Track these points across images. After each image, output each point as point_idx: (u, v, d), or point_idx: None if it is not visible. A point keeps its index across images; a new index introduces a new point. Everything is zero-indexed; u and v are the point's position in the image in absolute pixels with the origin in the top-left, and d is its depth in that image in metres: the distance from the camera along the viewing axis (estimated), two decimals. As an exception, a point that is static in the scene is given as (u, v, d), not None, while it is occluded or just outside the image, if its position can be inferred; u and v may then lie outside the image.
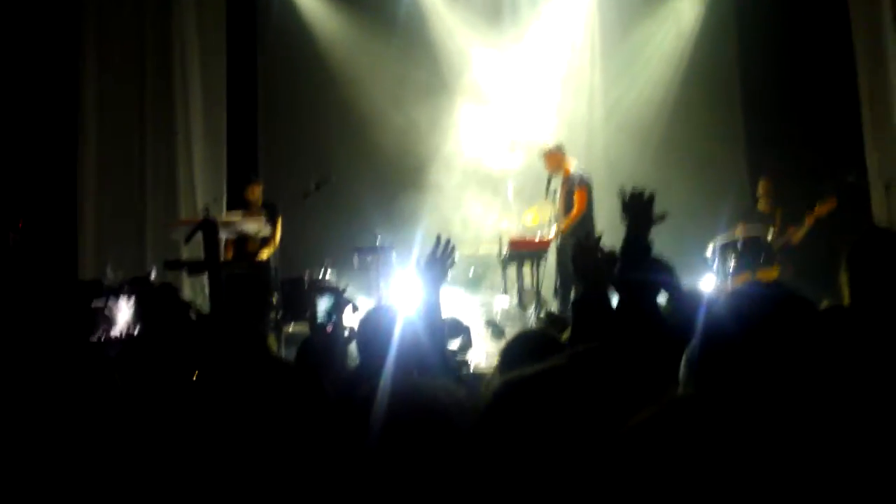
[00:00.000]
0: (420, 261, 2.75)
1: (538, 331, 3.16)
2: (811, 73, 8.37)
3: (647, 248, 2.53)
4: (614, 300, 2.59)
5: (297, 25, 9.39)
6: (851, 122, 7.93)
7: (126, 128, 8.41)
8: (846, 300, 2.30)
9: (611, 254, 2.75)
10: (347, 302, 2.55)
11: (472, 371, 5.57)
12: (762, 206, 7.57)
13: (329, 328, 5.96)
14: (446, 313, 4.41)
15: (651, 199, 2.57)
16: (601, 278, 2.61)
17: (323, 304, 6.25)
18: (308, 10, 9.44)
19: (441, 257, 2.76)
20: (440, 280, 2.76)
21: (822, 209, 7.03)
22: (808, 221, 7.11)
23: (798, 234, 7.20)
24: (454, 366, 2.96)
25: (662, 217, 2.59)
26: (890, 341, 1.83)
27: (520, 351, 2.60)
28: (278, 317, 6.52)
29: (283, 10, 9.37)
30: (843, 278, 2.30)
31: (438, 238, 2.81)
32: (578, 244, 2.70)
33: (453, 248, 2.79)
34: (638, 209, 2.55)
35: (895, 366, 1.39)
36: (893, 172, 7.37)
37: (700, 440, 0.99)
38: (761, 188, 7.65)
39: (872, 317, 2.14)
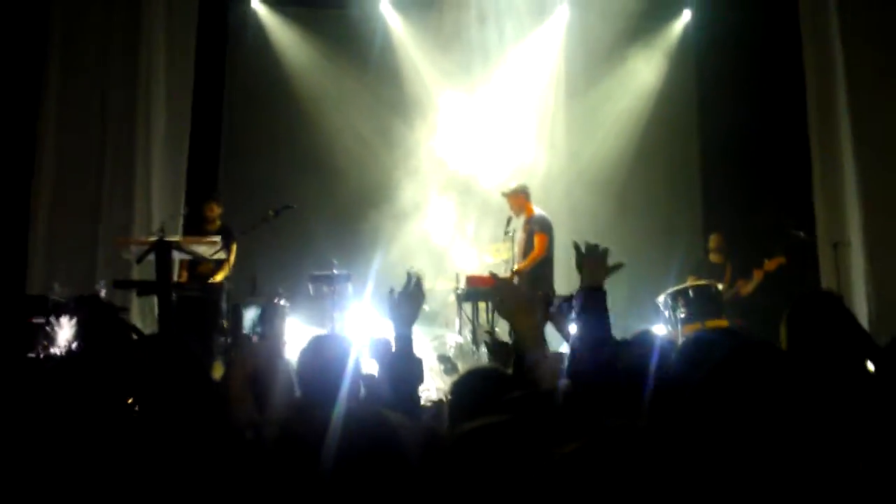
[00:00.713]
0: (392, 297, 2.75)
1: (487, 368, 3.17)
2: (767, 134, 8.70)
3: (602, 300, 2.57)
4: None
5: (266, 51, 9.44)
6: (803, 182, 8.20)
7: (85, 141, 8.28)
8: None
9: (547, 296, 2.82)
10: (279, 310, 2.52)
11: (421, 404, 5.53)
12: (714, 258, 7.79)
13: (255, 338, 5.87)
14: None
15: (605, 253, 2.63)
16: (601, 282, 2.63)
17: (250, 314, 6.15)
18: (278, 36, 9.53)
19: (413, 293, 2.76)
20: (413, 316, 2.76)
21: (770, 265, 7.29)
22: (758, 276, 7.34)
23: (747, 287, 7.41)
24: (417, 401, 2.95)
25: (617, 267, 2.65)
26: (819, 383, 1.92)
27: (470, 387, 2.60)
28: (227, 341, 6.42)
29: (253, 34, 9.42)
30: (783, 332, 2.50)
31: (409, 274, 2.81)
32: (583, 250, 2.68)
33: (420, 284, 2.79)
34: (592, 262, 2.60)
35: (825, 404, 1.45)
36: (840, 232, 7.62)
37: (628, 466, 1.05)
38: (713, 242, 7.90)
39: (805, 362, 2.27)
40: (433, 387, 6.23)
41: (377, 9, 9.51)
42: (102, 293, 6.64)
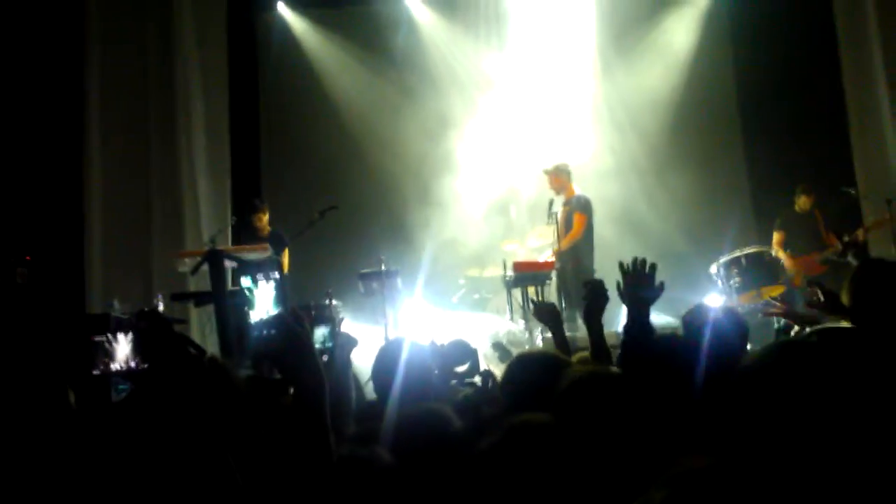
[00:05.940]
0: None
1: (541, 352, 3.18)
2: (804, 93, 8.51)
3: (649, 327, 2.52)
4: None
5: (297, 56, 9.53)
6: (843, 140, 8.03)
7: (131, 161, 8.48)
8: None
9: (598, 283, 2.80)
10: (351, 339, 2.53)
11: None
12: (802, 208, 7.56)
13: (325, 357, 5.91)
14: (454, 336, 4.44)
15: (654, 269, 2.57)
16: (647, 304, 2.58)
17: (319, 333, 6.19)
18: (307, 41, 9.60)
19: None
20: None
21: (878, 223, 7.04)
22: (866, 229, 7.07)
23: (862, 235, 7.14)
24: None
25: (661, 288, 2.58)
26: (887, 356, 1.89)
27: (523, 372, 2.62)
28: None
29: (283, 41, 9.52)
30: (844, 297, 2.47)
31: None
32: (627, 271, 2.63)
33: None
34: (638, 285, 2.54)
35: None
36: (883, 189, 7.42)
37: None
38: (801, 192, 7.62)
39: (870, 334, 2.26)
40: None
41: (402, 1, 9.50)
42: (161, 307, 6.81)
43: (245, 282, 6.20)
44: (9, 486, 1.79)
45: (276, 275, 6.28)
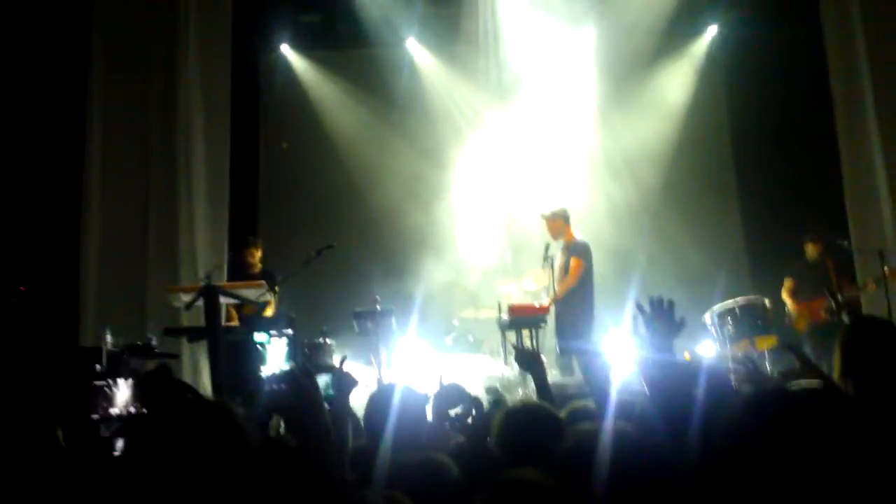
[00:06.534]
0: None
1: (535, 406, 3.17)
2: (798, 142, 8.62)
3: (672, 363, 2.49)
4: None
5: (298, 95, 9.66)
6: (836, 190, 8.12)
7: (129, 194, 8.49)
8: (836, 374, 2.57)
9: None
10: (351, 380, 2.53)
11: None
12: (810, 253, 7.58)
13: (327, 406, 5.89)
14: (448, 380, 4.44)
15: (671, 304, 2.54)
16: (670, 341, 2.54)
17: (322, 381, 6.17)
18: (308, 81, 9.76)
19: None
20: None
21: (868, 284, 7.03)
22: (871, 285, 7.02)
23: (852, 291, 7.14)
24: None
25: (682, 324, 2.55)
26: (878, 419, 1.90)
27: (519, 424, 2.63)
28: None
29: (285, 80, 9.64)
30: (836, 358, 2.48)
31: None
32: (657, 306, 2.58)
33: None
34: (660, 322, 2.50)
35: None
36: (873, 239, 7.48)
37: None
38: (810, 246, 7.64)
39: (861, 395, 2.26)
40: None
41: (403, 46, 9.66)
42: (153, 341, 6.78)
43: (260, 336, 6.19)
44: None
45: (289, 331, 6.28)
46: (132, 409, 5.17)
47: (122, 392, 5.35)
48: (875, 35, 7.64)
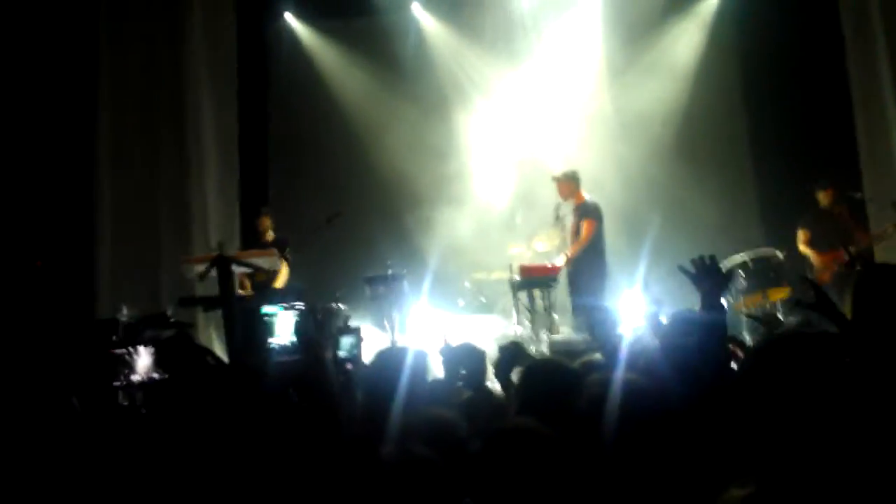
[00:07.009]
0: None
1: (549, 360, 3.21)
2: (811, 99, 8.50)
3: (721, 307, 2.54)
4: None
5: (303, 64, 9.61)
6: (850, 145, 8.01)
7: (141, 167, 8.55)
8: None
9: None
10: (330, 310, 2.57)
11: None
12: (822, 201, 7.45)
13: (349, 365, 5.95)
14: (461, 339, 4.48)
15: (713, 258, 2.55)
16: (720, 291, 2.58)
17: (346, 341, 6.21)
18: (315, 50, 9.68)
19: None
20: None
21: (880, 234, 6.96)
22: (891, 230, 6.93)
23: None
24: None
25: (730, 275, 2.59)
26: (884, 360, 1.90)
27: (535, 380, 2.66)
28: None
29: (291, 50, 9.58)
30: (848, 303, 2.53)
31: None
32: (700, 265, 2.60)
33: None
34: (709, 277, 2.53)
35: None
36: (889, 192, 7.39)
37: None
38: (818, 189, 7.50)
39: (870, 338, 2.26)
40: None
41: (408, 11, 9.56)
42: (169, 312, 6.85)
43: (269, 308, 6.23)
44: (7, 486, 1.82)
45: (301, 305, 6.32)
46: (154, 376, 5.24)
47: (143, 359, 5.42)
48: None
